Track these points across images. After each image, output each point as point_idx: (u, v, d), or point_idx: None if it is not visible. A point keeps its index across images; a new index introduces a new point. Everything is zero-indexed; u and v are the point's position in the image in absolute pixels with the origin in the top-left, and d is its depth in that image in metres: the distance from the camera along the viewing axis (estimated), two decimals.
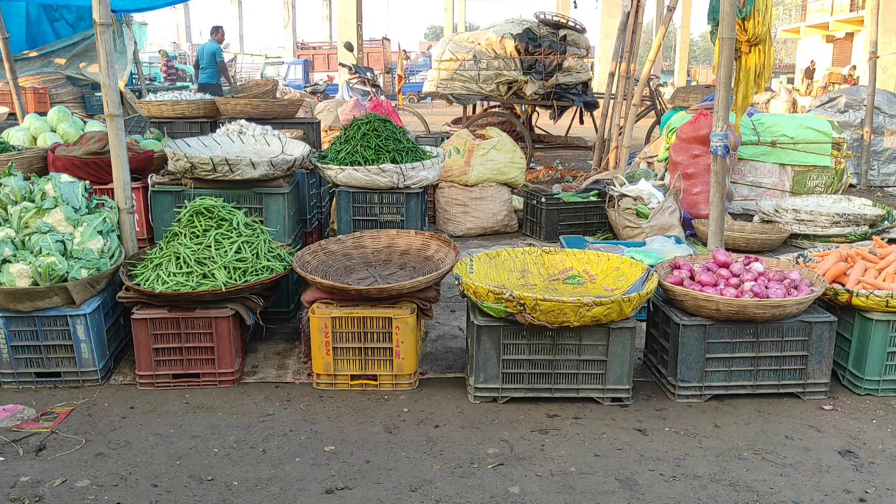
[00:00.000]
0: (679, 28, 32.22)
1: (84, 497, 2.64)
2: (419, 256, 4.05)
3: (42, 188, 3.68)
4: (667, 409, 3.35)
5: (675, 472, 2.83)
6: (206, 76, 12.27)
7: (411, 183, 4.47)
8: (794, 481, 2.77)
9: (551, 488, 2.71)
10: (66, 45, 10.00)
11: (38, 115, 5.34)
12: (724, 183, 4.20)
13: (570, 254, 3.91)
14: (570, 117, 11.39)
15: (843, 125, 8.72)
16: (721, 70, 4.06)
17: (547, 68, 9.96)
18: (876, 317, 3.38)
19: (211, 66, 12.25)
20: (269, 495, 2.66)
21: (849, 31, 28.69)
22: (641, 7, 7.98)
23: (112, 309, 3.70)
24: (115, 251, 3.78)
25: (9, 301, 3.37)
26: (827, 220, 5.86)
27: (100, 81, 3.79)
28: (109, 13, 3.71)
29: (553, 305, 3.10)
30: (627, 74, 8.05)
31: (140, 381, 3.52)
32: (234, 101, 5.64)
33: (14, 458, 2.90)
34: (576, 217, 6.39)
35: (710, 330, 3.34)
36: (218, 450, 2.97)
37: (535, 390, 3.36)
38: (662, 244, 4.63)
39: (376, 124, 4.73)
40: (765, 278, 3.49)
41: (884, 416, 3.29)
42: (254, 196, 4.21)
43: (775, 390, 3.43)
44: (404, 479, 2.77)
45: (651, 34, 23.92)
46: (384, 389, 3.51)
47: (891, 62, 17.75)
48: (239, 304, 3.55)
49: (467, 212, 6.57)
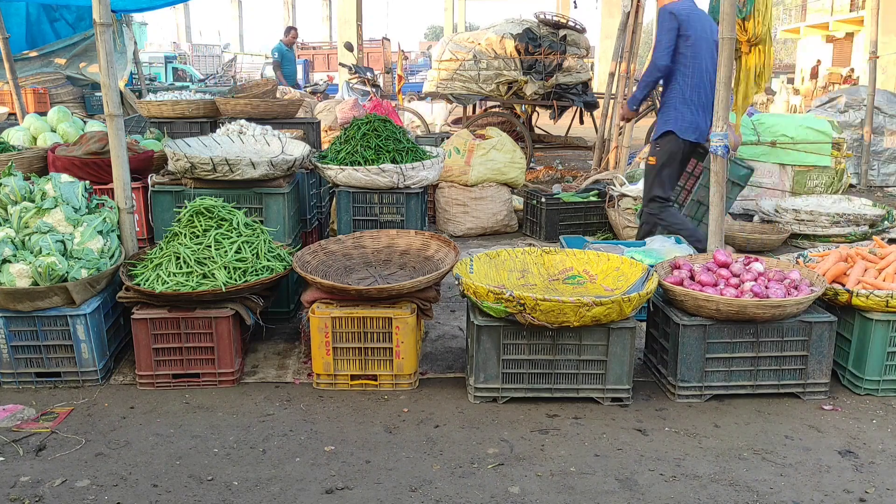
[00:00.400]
0: None
1: (84, 497, 2.64)
2: (419, 256, 4.05)
3: (42, 188, 3.68)
4: (667, 409, 3.35)
5: (675, 472, 2.83)
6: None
7: (411, 183, 4.47)
8: (794, 481, 2.77)
9: (551, 488, 2.71)
10: (66, 45, 9.98)
11: (38, 115, 5.33)
12: (725, 183, 4.20)
13: (570, 254, 3.91)
14: (570, 117, 11.38)
15: (843, 125, 8.72)
16: (721, 70, 4.05)
17: (547, 68, 9.95)
18: (876, 317, 3.38)
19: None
20: (269, 495, 2.66)
21: (849, 31, 28.68)
22: (641, 7, 7.98)
23: (112, 309, 3.70)
24: (115, 251, 3.78)
25: (9, 301, 3.37)
26: (827, 220, 5.87)
27: (100, 81, 3.78)
28: (109, 13, 3.71)
29: (553, 305, 3.10)
30: (627, 74, 8.04)
31: (140, 381, 3.52)
32: (234, 101, 5.64)
33: (14, 458, 2.90)
34: (576, 217, 6.40)
35: (710, 330, 3.34)
36: (218, 450, 2.97)
37: (535, 390, 3.36)
38: (662, 244, 4.62)
39: (376, 124, 4.72)
40: (765, 278, 3.49)
41: (884, 416, 3.29)
42: (254, 196, 4.21)
43: (775, 390, 3.43)
44: (404, 479, 2.77)
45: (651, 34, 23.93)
46: (384, 389, 3.51)
47: (891, 62, 17.75)
48: (239, 304, 3.55)
49: (467, 212, 6.57)
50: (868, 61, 9.69)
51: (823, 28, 30.03)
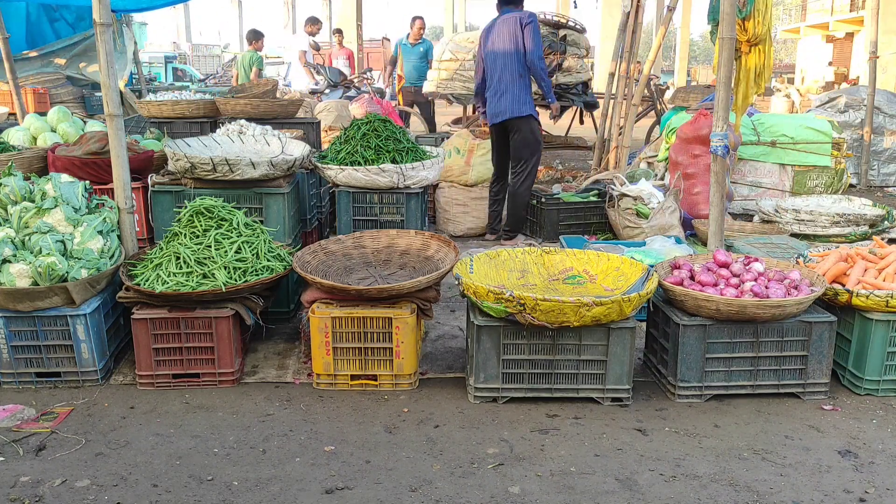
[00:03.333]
0: (679, 28, 32.20)
1: (84, 497, 2.64)
2: (419, 256, 4.05)
3: (42, 188, 3.68)
4: (667, 409, 3.35)
5: (675, 472, 2.83)
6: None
7: (411, 183, 4.47)
8: (794, 481, 2.77)
9: (551, 488, 2.71)
10: (66, 45, 9.98)
11: (38, 115, 5.34)
12: (725, 183, 4.20)
13: (570, 254, 3.91)
14: (570, 117, 11.37)
15: (843, 125, 8.72)
16: (721, 70, 4.06)
17: (547, 68, 9.94)
18: (876, 317, 3.38)
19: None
20: (269, 495, 2.66)
21: (849, 31, 28.65)
22: (641, 7, 7.97)
23: (112, 309, 3.70)
24: (115, 251, 3.78)
25: (9, 301, 3.37)
26: (827, 220, 5.86)
27: (100, 81, 3.79)
28: (109, 13, 3.71)
29: (553, 305, 3.10)
30: (627, 74, 8.04)
31: (140, 381, 3.52)
32: (234, 101, 5.64)
33: (14, 458, 2.90)
34: (576, 217, 6.39)
35: (710, 330, 3.34)
36: (218, 450, 2.97)
37: (535, 390, 3.36)
38: (662, 244, 4.63)
39: (376, 124, 4.73)
40: (765, 278, 3.49)
41: (884, 416, 3.29)
42: (254, 196, 4.21)
43: (775, 390, 3.43)
44: (404, 479, 2.77)
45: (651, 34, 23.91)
46: (384, 389, 3.51)
47: (891, 62, 17.74)
48: (239, 304, 3.55)
49: (467, 212, 6.57)
50: (868, 61, 9.68)
51: (823, 28, 30.01)
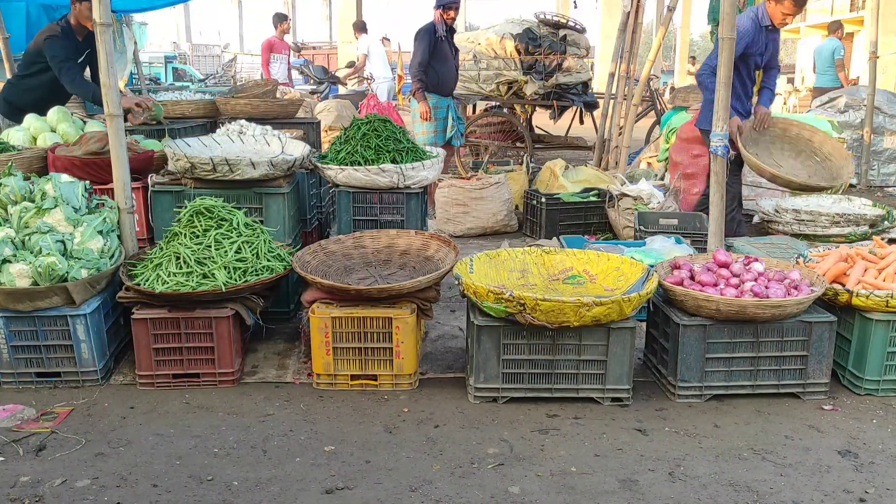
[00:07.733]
0: (679, 28, 32.18)
1: (84, 497, 2.64)
2: (419, 256, 4.05)
3: (42, 188, 3.68)
4: (667, 409, 3.35)
5: (675, 472, 2.83)
6: (825, 80, 11.05)
7: (411, 183, 4.47)
8: (794, 481, 2.77)
9: (551, 488, 2.71)
10: None
11: (38, 115, 5.33)
12: (724, 183, 4.20)
13: (570, 254, 3.91)
14: (570, 117, 11.37)
15: (843, 125, 8.71)
16: (721, 70, 4.05)
17: (547, 68, 9.94)
18: (876, 317, 3.38)
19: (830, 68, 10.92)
20: (269, 495, 2.66)
21: (849, 31, 28.62)
22: (641, 7, 7.98)
23: (112, 309, 3.70)
24: (115, 251, 3.78)
25: (9, 301, 3.37)
26: (827, 220, 5.85)
27: (100, 81, 3.79)
28: (109, 13, 3.71)
29: (553, 305, 3.10)
30: (627, 74, 8.04)
31: (140, 381, 3.52)
32: (234, 101, 5.64)
33: (14, 458, 2.90)
34: (576, 217, 6.39)
35: (710, 330, 3.34)
36: (218, 450, 2.97)
37: (535, 390, 3.36)
38: (662, 244, 4.62)
39: (376, 124, 4.72)
40: (765, 278, 3.49)
41: (884, 416, 3.29)
42: (254, 196, 4.21)
43: (775, 390, 3.43)
44: (404, 479, 2.77)
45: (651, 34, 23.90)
46: (384, 389, 3.51)
47: (891, 62, 17.73)
48: (239, 304, 3.55)
49: (467, 212, 6.57)
50: (868, 61, 9.68)
51: (823, 28, 30.00)
